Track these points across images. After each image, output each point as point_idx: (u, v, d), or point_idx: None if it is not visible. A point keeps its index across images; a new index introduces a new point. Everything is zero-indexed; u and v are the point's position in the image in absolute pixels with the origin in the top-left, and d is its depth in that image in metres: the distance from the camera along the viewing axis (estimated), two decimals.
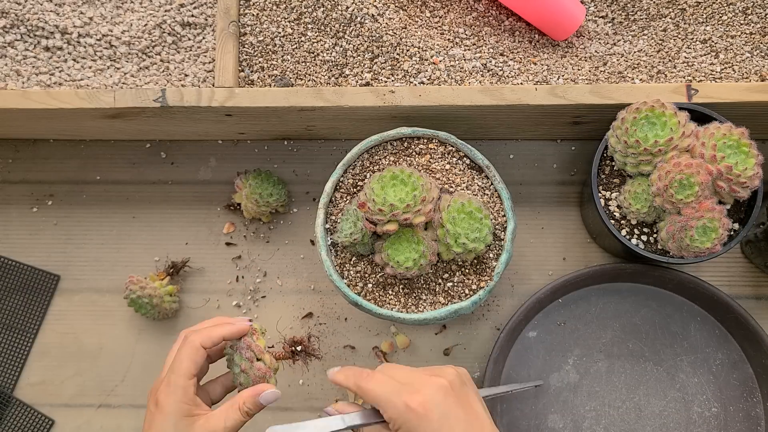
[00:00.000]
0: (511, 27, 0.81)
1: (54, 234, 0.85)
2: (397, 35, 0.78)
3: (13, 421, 0.81)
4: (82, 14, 0.80)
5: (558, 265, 0.83)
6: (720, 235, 0.66)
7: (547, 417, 0.78)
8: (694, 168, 0.65)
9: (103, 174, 0.86)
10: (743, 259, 0.82)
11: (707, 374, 0.79)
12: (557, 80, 0.77)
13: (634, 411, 0.78)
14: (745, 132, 0.67)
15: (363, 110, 0.74)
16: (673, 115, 0.67)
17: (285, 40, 0.80)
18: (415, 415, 0.53)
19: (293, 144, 0.86)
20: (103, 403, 0.82)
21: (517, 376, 0.79)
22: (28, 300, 0.83)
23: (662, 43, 0.79)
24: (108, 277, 0.84)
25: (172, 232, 0.85)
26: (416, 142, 0.74)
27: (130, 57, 0.80)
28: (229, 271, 0.84)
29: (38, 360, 0.82)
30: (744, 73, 0.77)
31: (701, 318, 0.80)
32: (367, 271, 0.72)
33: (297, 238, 0.84)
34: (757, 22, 0.79)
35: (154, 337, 0.82)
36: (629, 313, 0.80)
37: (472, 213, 0.67)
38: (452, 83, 0.77)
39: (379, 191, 0.66)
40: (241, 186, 0.81)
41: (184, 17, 0.80)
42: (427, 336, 0.82)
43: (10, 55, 0.79)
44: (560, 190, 0.84)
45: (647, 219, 0.71)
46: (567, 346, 0.80)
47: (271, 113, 0.76)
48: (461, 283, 0.71)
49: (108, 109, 0.74)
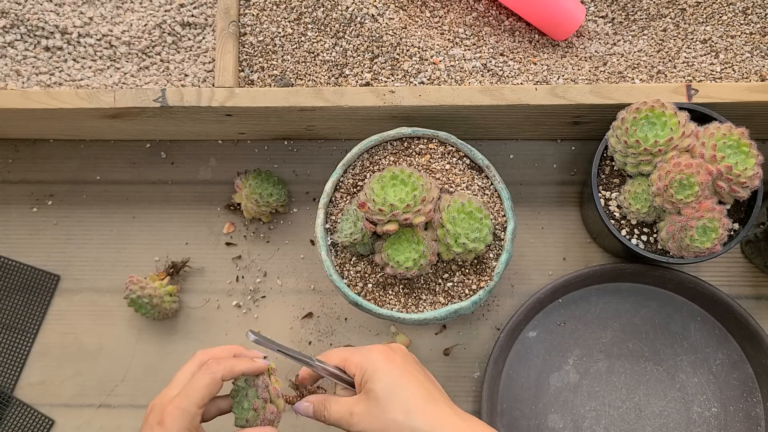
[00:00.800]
0: (511, 27, 0.81)
1: (54, 234, 0.85)
2: (397, 35, 0.78)
3: (13, 421, 0.81)
4: (82, 14, 0.80)
5: (558, 265, 0.83)
6: (720, 235, 0.66)
7: (547, 417, 0.78)
8: (694, 168, 0.65)
9: (103, 174, 0.86)
10: (743, 259, 0.82)
11: (707, 374, 0.79)
12: (557, 80, 0.77)
13: (634, 411, 0.78)
14: (745, 132, 0.67)
15: (363, 110, 0.74)
16: (673, 115, 0.67)
17: (285, 40, 0.80)
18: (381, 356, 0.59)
19: (293, 144, 0.86)
20: (103, 403, 0.82)
21: (517, 376, 0.79)
22: (28, 300, 0.83)
23: (662, 43, 0.79)
24: (108, 277, 0.84)
25: (172, 232, 0.85)
26: (416, 142, 0.74)
27: (130, 57, 0.80)
28: (229, 271, 0.84)
29: (38, 360, 0.82)
30: (744, 73, 0.77)
31: (701, 318, 0.80)
32: (367, 271, 0.72)
33: (297, 238, 0.84)
34: (757, 22, 0.79)
35: (154, 337, 0.82)
36: (629, 313, 0.80)
37: (472, 213, 0.67)
38: (452, 83, 0.77)
39: (379, 191, 0.66)
40: (241, 186, 0.81)
41: (184, 17, 0.80)
42: (427, 336, 0.82)
43: (10, 55, 0.79)
44: (560, 190, 0.84)
45: (647, 219, 0.71)
46: (567, 346, 0.80)
47: (271, 113, 0.76)
48: (461, 283, 0.71)
49: (108, 109, 0.74)
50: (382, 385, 0.58)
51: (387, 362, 0.59)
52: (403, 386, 0.58)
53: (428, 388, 0.59)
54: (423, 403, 0.58)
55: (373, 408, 0.57)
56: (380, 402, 0.57)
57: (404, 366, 0.60)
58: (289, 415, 0.80)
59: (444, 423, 0.57)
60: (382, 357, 0.60)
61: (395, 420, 0.56)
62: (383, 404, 0.57)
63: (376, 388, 0.58)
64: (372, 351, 0.60)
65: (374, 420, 0.57)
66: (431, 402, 0.58)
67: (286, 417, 0.80)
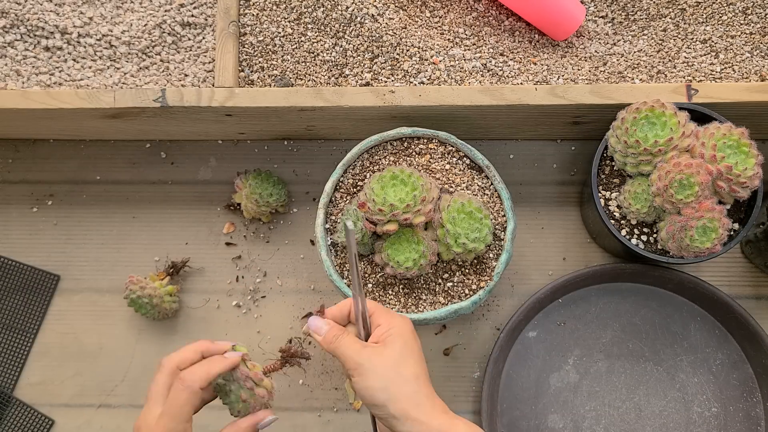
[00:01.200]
0: (511, 27, 0.81)
1: (54, 234, 0.85)
2: (397, 35, 0.78)
3: (13, 421, 0.81)
4: (82, 14, 0.80)
5: (558, 265, 0.83)
6: (720, 235, 0.66)
7: (547, 417, 0.78)
8: (694, 168, 0.65)
9: (103, 174, 0.86)
10: (743, 259, 0.82)
11: (707, 374, 0.79)
12: (557, 80, 0.77)
13: (634, 411, 0.78)
14: (745, 132, 0.67)
15: (363, 110, 0.74)
16: (673, 115, 0.67)
17: (285, 40, 0.80)
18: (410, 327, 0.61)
19: (293, 144, 0.86)
20: (103, 403, 0.82)
21: (517, 376, 0.79)
22: (28, 300, 0.83)
23: (662, 43, 0.79)
24: (108, 277, 0.84)
25: (172, 232, 0.85)
26: (416, 142, 0.74)
27: (130, 57, 0.80)
28: (229, 271, 0.84)
29: (38, 360, 0.82)
30: (744, 73, 0.77)
31: (701, 318, 0.80)
32: (367, 271, 0.72)
33: (297, 238, 0.84)
34: (757, 22, 0.79)
35: (154, 337, 0.82)
36: (629, 313, 0.80)
37: (472, 213, 0.67)
38: (452, 83, 0.77)
39: (379, 191, 0.66)
40: (241, 186, 0.81)
41: (184, 17, 0.80)
42: (427, 336, 0.82)
43: (10, 55, 0.79)
44: (560, 190, 0.84)
45: (647, 219, 0.71)
46: (567, 346, 0.80)
47: (271, 113, 0.76)
48: (461, 283, 0.71)
49: (108, 109, 0.74)
50: (405, 347, 0.59)
51: (412, 334, 0.61)
52: (417, 360, 0.59)
53: (428, 376, 0.61)
54: (426, 380, 0.59)
55: (387, 356, 0.58)
56: (396, 356, 0.58)
57: (420, 347, 0.61)
58: (290, 415, 0.80)
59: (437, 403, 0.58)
60: (410, 328, 0.61)
61: (402, 375, 0.57)
62: (398, 359, 0.58)
63: (398, 345, 0.58)
64: (404, 318, 0.62)
65: (384, 363, 0.57)
66: (430, 386, 0.60)
67: (287, 417, 0.80)
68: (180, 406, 0.57)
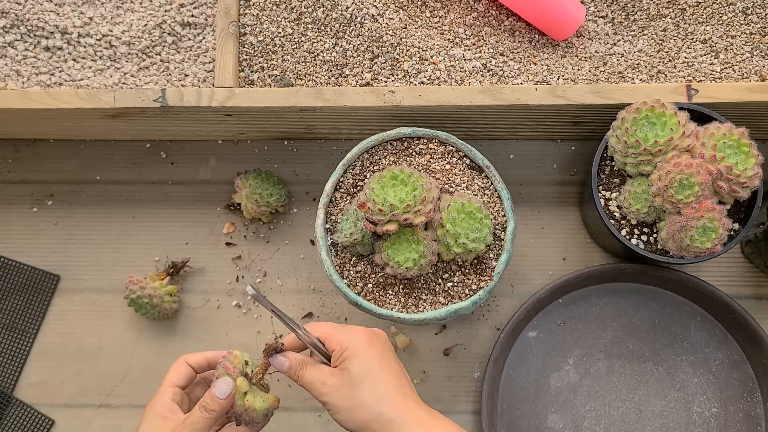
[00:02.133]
0: (511, 27, 0.81)
1: (54, 234, 0.85)
2: (397, 35, 0.78)
3: (13, 421, 0.81)
4: (82, 14, 0.80)
5: (558, 265, 0.83)
6: (720, 235, 0.66)
7: (547, 417, 0.78)
8: (694, 168, 0.65)
9: (103, 174, 0.86)
10: (743, 259, 0.82)
11: (707, 374, 0.79)
12: (557, 80, 0.77)
13: (634, 411, 0.78)
14: (745, 132, 0.67)
15: (363, 110, 0.74)
16: (673, 115, 0.67)
17: (285, 40, 0.80)
18: (365, 339, 0.61)
19: (293, 144, 0.86)
20: (103, 403, 0.82)
21: (517, 376, 0.79)
22: (28, 300, 0.83)
23: (662, 43, 0.79)
24: (108, 277, 0.84)
25: (172, 232, 0.85)
26: (416, 142, 0.74)
27: (130, 57, 0.80)
28: (229, 271, 0.84)
29: (38, 360, 0.82)
30: (744, 73, 0.77)
31: (701, 318, 0.80)
32: (367, 271, 0.72)
33: (297, 238, 0.84)
34: (757, 22, 0.79)
35: (154, 337, 0.82)
36: (629, 313, 0.80)
37: (472, 213, 0.67)
38: (452, 83, 0.77)
39: (379, 191, 0.66)
40: (241, 186, 0.81)
41: (184, 17, 0.80)
42: (427, 336, 0.82)
43: (10, 55, 0.79)
44: (560, 190, 0.84)
45: (647, 219, 0.71)
46: (567, 346, 0.80)
47: (271, 113, 0.76)
48: (461, 283, 0.71)
49: (108, 109, 0.74)
50: (359, 366, 0.59)
51: (368, 346, 0.61)
52: (378, 372, 0.60)
53: (401, 380, 0.61)
54: (393, 392, 0.59)
55: (345, 384, 0.59)
56: (354, 381, 0.59)
57: (383, 353, 0.61)
58: (290, 415, 0.80)
59: (410, 414, 0.58)
60: (365, 340, 0.61)
61: (364, 401, 0.58)
62: (356, 384, 0.59)
63: (353, 367, 0.59)
64: (357, 332, 0.62)
65: (344, 395, 0.59)
66: (401, 393, 0.60)
67: (286, 417, 0.80)
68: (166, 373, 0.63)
